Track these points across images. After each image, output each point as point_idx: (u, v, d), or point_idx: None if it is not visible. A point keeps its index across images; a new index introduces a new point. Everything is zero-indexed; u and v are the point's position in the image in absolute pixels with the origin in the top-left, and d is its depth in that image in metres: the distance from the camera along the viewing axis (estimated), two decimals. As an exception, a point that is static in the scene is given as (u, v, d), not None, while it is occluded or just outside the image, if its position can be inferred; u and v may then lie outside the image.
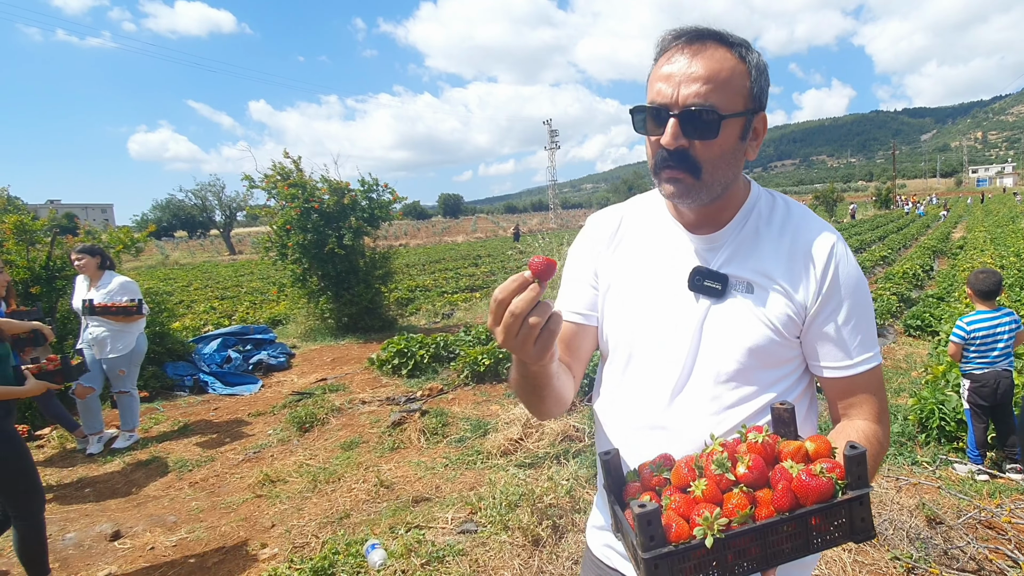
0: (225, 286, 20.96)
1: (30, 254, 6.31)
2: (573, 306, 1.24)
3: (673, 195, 1.06)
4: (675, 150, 1.01)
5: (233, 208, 55.89)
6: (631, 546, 0.87)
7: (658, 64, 1.05)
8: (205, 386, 7.00)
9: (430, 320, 11.24)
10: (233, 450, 5.10)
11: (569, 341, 1.23)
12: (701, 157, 1.01)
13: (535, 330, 0.86)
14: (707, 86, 0.99)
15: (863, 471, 0.84)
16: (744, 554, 0.82)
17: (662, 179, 1.05)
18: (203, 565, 3.32)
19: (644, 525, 0.78)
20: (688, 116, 0.99)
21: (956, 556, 2.98)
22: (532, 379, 1.02)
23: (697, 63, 1.00)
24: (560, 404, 1.14)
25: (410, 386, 6.65)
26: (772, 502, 0.83)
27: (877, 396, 1.10)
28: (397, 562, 3.05)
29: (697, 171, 1.02)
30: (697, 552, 0.80)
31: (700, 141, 1.00)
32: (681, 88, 0.99)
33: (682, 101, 0.99)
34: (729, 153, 1.04)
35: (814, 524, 0.84)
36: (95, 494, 4.36)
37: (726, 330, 1.08)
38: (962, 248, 17.55)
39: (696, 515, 0.82)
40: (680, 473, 0.92)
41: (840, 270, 1.07)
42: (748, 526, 0.82)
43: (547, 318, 0.87)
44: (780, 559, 0.84)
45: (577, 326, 1.23)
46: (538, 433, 4.77)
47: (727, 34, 1.04)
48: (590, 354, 1.27)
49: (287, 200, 8.96)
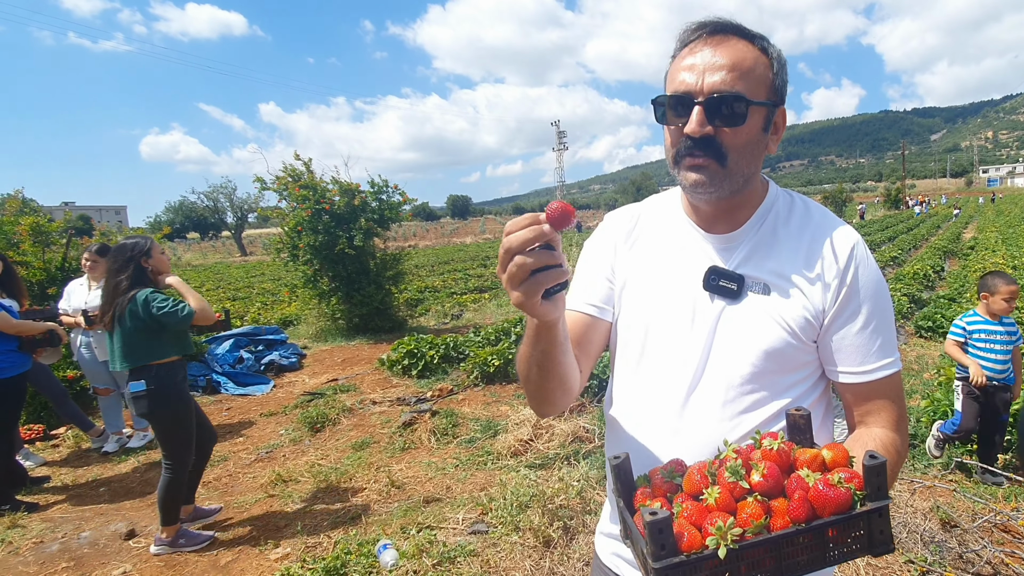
0: (237, 287, 21.10)
1: (46, 255, 6.39)
2: (588, 298, 1.21)
3: (696, 184, 1.03)
4: (701, 137, 1.00)
5: (245, 210, 56.26)
6: (640, 554, 0.84)
7: (679, 57, 1.05)
8: (217, 386, 7.05)
9: (439, 321, 11.25)
10: (245, 450, 5.14)
11: (581, 335, 1.19)
12: (728, 144, 1.00)
13: (524, 271, 0.80)
14: (732, 74, 0.98)
15: (883, 482, 0.81)
16: (758, 565, 0.80)
17: (684, 167, 1.03)
18: (216, 564, 3.35)
19: (655, 534, 0.76)
20: (714, 103, 0.98)
21: (971, 560, 2.95)
22: (539, 347, 0.98)
23: (721, 52, 1.00)
24: (565, 392, 1.08)
25: (420, 387, 6.67)
26: (788, 512, 0.81)
27: (896, 403, 1.07)
28: (409, 562, 3.06)
29: (723, 158, 1.01)
30: (709, 563, 0.77)
31: (727, 128, 0.99)
32: (706, 76, 0.99)
33: (707, 88, 0.98)
34: (753, 142, 1.03)
35: (831, 536, 0.81)
36: (110, 493, 4.41)
37: (741, 332, 1.06)
38: (973, 249, 17.36)
39: (709, 524, 0.79)
40: (692, 480, 0.89)
41: (860, 273, 1.05)
42: (763, 537, 0.79)
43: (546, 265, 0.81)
44: (795, 572, 0.81)
45: (591, 319, 1.20)
46: (548, 434, 4.77)
47: (747, 28, 1.04)
48: (600, 351, 1.23)
49: (298, 201, 9.01)
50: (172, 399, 3.39)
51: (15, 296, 4.43)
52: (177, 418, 3.44)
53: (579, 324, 1.20)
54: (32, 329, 4.25)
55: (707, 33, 1.03)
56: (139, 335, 3.30)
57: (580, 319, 1.20)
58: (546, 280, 0.82)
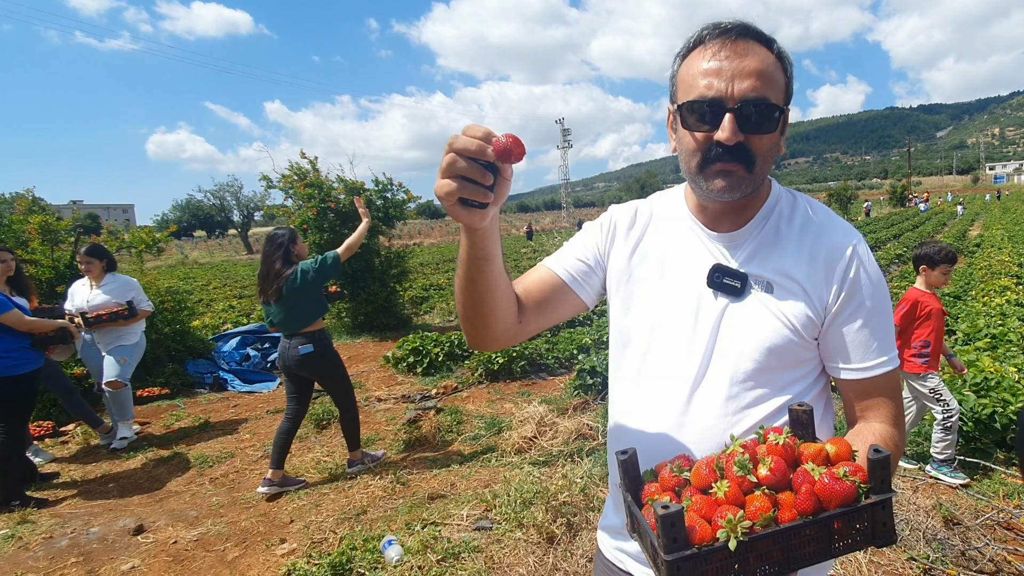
0: (243, 285, 21.13)
1: (54, 253, 6.43)
2: (565, 265, 1.24)
3: (723, 189, 1.04)
4: (734, 145, 1.01)
5: (251, 208, 56.38)
6: (650, 547, 0.85)
7: (695, 58, 1.05)
8: (224, 383, 7.10)
9: (444, 318, 11.28)
10: (252, 446, 5.18)
11: (546, 292, 1.22)
12: (757, 150, 1.02)
13: (450, 170, 0.85)
14: (759, 81, 0.99)
15: (886, 475, 0.83)
16: (766, 557, 0.81)
17: (712, 172, 1.04)
18: (223, 559, 3.38)
19: (667, 527, 0.77)
20: (748, 110, 0.99)
21: (974, 557, 2.96)
22: (467, 253, 1.02)
23: (749, 59, 1.00)
24: (487, 322, 1.12)
25: (425, 384, 6.69)
26: (795, 505, 0.83)
27: (894, 399, 1.10)
28: (413, 558, 3.09)
29: (752, 164, 1.03)
30: (720, 554, 0.79)
31: (758, 135, 1.01)
32: (735, 83, 0.99)
33: (739, 95, 0.99)
34: (774, 147, 1.05)
35: (836, 528, 0.83)
36: (118, 489, 4.45)
37: (744, 329, 1.07)
38: (979, 246, 17.30)
39: (719, 517, 0.81)
40: (700, 474, 0.90)
41: (861, 272, 1.07)
42: (771, 529, 0.81)
43: (472, 178, 0.85)
44: (802, 563, 0.83)
45: (560, 282, 1.22)
46: (552, 431, 4.79)
47: (763, 32, 1.05)
48: (558, 318, 1.25)
49: (304, 200, 9.03)
50: (331, 355, 4.25)
51: (24, 294, 4.47)
52: (338, 369, 4.32)
53: (548, 282, 1.23)
54: (45, 326, 4.29)
55: (731, 37, 1.02)
56: (302, 301, 4.04)
57: (551, 278, 1.23)
58: (464, 190, 0.86)
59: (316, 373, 4.22)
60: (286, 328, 4.10)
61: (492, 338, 1.16)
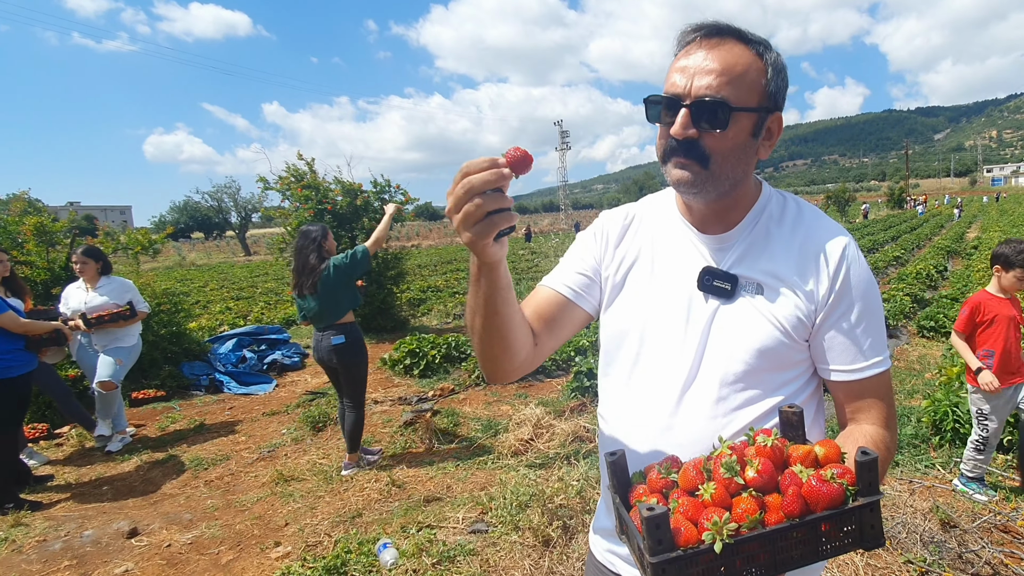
0: (240, 287, 21.10)
1: (50, 255, 6.41)
2: (567, 280, 1.23)
3: (679, 182, 1.05)
4: (684, 140, 1.02)
5: (248, 210, 56.40)
6: (636, 549, 0.85)
7: (677, 57, 1.06)
8: (220, 385, 7.08)
9: (442, 320, 11.26)
10: (247, 449, 5.16)
11: (553, 312, 1.21)
12: (711, 147, 1.02)
13: (479, 212, 0.84)
14: (720, 79, 0.99)
15: (874, 477, 0.82)
16: (753, 560, 0.81)
17: (670, 166, 1.06)
18: (217, 562, 3.36)
19: (652, 529, 0.77)
20: (699, 107, 1.00)
21: (971, 560, 2.95)
22: (481, 291, 1.02)
23: (713, 56, 1.01)
24: (507, 350, 1.11)
25: (422, 386, 6.68)
26: (782, 507, 0.82)
27: (885, 401, 1.09)
28: (409, 561, 3.07)
29: (705, 161, 1.02)
30: (705, 557, 0.79)
31: (709, 132, 1.01)
32: (695, 80, 1.00)
33: (694, 92, 1.00)
34: (740, 148, 1.04)
35: (824, 530, 0.82)
36: (113, 492, 4.43)
37: (734, 331, 1.07)
38: (976, 248, 17.31)
39: (705, 519, 0.81)
40: (688, 476, 0.90)
41: (851, 273, 1.07)
42: (758, 531, 0.80)
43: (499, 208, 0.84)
44: (789, 566, 0.83)
45: (565, 300, 1.22)
46: (548, 434, 4.78)
47: (746, 31, 1.05)
48: (568, 335, 1.25)
49: (301, 201, 9.02)
50: (360, 348, 4.35)
51: (19, 295, 4.46)
52: (362, 365, 4.39)
53: (552, 302, 1.22)
54: (39, 328, 4.27)
55: (703, 36, 1.04)
56: (336, 294, 4.16)
57: (554, 297, 1.22)
58: (501, 222, 0.85)
59: (343, 364, 4.28)
60: (320, 321, 4.22)
61: (515, 367, 1.16)
